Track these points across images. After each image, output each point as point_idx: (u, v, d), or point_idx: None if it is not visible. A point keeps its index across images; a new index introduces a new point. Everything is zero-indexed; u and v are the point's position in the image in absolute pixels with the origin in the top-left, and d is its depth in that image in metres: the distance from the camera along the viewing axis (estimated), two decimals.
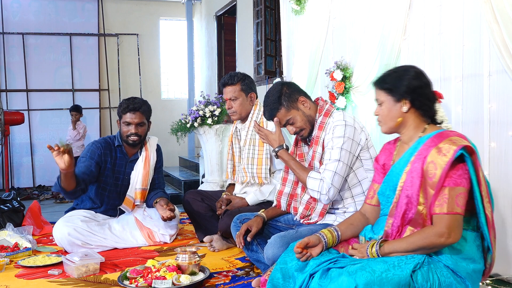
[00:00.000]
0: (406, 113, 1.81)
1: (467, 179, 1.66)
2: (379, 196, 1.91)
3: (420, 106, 1.81)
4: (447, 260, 1.68)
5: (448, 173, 1.65)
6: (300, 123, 2.36)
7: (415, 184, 1.71)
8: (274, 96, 2.35)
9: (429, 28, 2.86)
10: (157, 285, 2.35)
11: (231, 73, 3.20)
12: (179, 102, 8.61)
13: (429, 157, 1.69)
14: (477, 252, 1.72)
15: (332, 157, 2.23)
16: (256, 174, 3.05)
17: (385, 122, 1.87)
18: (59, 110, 7.57)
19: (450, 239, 1.62)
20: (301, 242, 1.81)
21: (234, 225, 2.62)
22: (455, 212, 1.63)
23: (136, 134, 3.26)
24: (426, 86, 1.82)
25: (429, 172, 1.68)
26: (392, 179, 1.82)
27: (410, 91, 1.79)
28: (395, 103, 1.82)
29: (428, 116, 1.84)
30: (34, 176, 7.39)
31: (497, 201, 2.48)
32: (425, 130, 1.81)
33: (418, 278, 1.61)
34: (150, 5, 8.33)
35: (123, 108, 3.25)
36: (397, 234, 1.76)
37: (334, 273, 1.63)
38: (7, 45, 7.35)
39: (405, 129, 1.85)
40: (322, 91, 3.95)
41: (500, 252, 2.46)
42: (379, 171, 1.97)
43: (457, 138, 1.70)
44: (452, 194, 1.64)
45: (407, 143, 1.86)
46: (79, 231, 3.11)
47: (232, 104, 3.13)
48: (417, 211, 1.72)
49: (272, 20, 5.74)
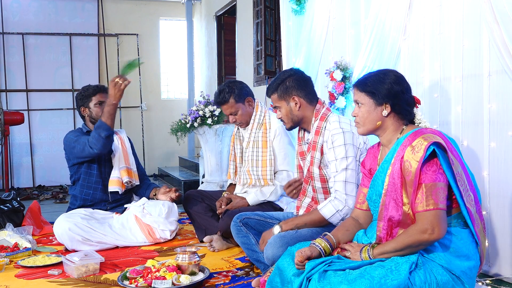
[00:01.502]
0: (386, 117, 1.85)
1: (442, 174, 1.68)
2: (368, 201, 1.93)
3: (400, 111, 1.85)
4: (440, 260, 1.69)
5: (423, 170, 1.68)
6: (283, 116, 2.44)
7: (397, 185, 1.74)
8: (277, 80, 2.44)
9: (429, 28, 2.86)
10: (157, 285, 2.35)
11: (219, 88, 3.17)
12: (179, 102, 8.61)
13: (405, 156, 1.72)
14: (470, 249, 1.73)
15: (338, 168, 2.25)
16: (261, 176, 3.05)
17: (363, 124, 1.90)
18: (59, 110, 7.57)
19: (434, 235, 1.64)
20: (303, 256, 1.79)
21: (234, 225, 2.62)
22: (435, 208, 1.65)
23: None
24: (407, 91, 1.86)
25: (406, 170, 1.71)
26: (377, 183, 1.84)
27: (391, 96, 1.82)
28: (376, 106, 1.85)
29: (406, 119, 1.88)
30: (34, 176, 7.39)
31: (496, 201, 2.48)
32: (403, 131, 1.85)
33: (416, 280, 1.62)
34: (150, 5, 8.32)
35: (92, 91, 3.45)
36: (389, 237, 1.78)
37: (334, 279, 1.63)
38: (7, 45, 7.35)
39: (383, 132, 1.88)
40: (322, 91, 3.94)
41: (500, 252, 2.46)
42: (366, 175, 2.00)
43: (430, 135, 1.72)
44: (430, 190, 1.66)
45: (387, 146, 1.89)
46: (80, 227, 3.13)
47: (235, 117, 3.14)
48: (403, 212, 1.74)
49: (272, 20, 5.73)
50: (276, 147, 3.07)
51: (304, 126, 2.47)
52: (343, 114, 3.60)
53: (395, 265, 1.64)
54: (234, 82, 3.20)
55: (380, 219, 1.80)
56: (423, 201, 1.66)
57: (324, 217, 2.23)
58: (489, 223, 2.51)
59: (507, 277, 2.41)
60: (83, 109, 3.50)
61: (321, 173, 2.35)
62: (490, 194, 2.50)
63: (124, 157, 3.50)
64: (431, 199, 1.65)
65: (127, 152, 3.55)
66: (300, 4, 4.17)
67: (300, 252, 1.81)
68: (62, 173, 7.43)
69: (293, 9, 4.26)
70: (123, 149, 3.53)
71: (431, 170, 1.68)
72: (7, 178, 6.38)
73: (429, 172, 1.68)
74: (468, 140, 2.60)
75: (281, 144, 3.07)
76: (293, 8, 4.26)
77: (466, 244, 1.72)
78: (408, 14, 3.00)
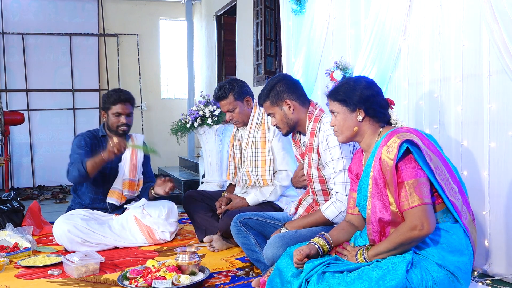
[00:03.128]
0: (361, 122, 1.89)
1: (421, 169, 1.71)
2: (358, 207, 1.96)
3: (374, 114, 1.89)
4: (434, 257, 1.71)
5: (402, 168, 1.71)
6: (278, 122, 2.45)
7: (380, 186, 1.76)
8: (267, 87, 2.45)
9: (429, 28, 2.86)
10: (157, 285, 2.35)
11: (220, 84, 3.19)
12: (179, 102, 8.61)
13: (382, 156, 1.75)
14: (463, 243, 1.74)
15: (336, 169, 2.26)
16: (260, 176, 3.05)
17: (341, 131, 1.94)
18: (59, 110, 7.57)
19: (424, 230, 1.66)
20: (302, 254, 1.82)
21: (234, 225, 2.62)
22: (421, 203, 1.67)
23: (126, 124, 3.35)
24: (378, 94, 1.91)
25: (385, 170, 1.74)
26: (363, 188, 1.87)
27: (363, 101, 1.87)
28: (350, 113, 1.90)
29: (382, 122, 1.91)
30: (34, 176, 7.38)
31: (496, 201, 2.48)
32: (380, 134, 1.89)
33: (413, 279, 1.64)
34: (150, 5, 8.32)
35: (113, 99, 3.33)
36: (382, 238, 1.80)
37: (332, 282, 1.64)
38: (7, 45, 7.34)
39: (362, 138, 1.92)
40: (322, 91, 3.94)
41: (500, 252, 2.46)
42: (353, 180, 2.03)
43: (404, 133, 1.75)
44: (412, 187, 1.69)
45: (367, 151, 1.92)
46: (79, 228, 3.12)
47: (232, 115, 3.14)
48: (392, 211, 1.76)
49: (272, 20, 5.73)
50: (275, 147, 3.08)
51: (299, 129, 2.49)
52: None
53: (392, 264, 1.66)
54: (236, 80, 3.21)
55: (369, 222, 1.82)
56: (407, 198, 1.69)
57: (327, 218, 2.26)
58: (489, 223, 2.51)
59: (507, 277, 2.41)
60: (103, 113, 3.42)
61: (320, 175, 2.36)
62: (490, 194, 2.50)
63: (130, 170, 3.42)
64: (415, 195, 1.68)
65: (135, 165, 3.45)
66: (300, 4, 4.16)
67: (299, 251, 1.83)
68: (62, 173, 7.38)
69: (293, 9, 4.26)
70: (131, 161, 3.43)
71: (410, 167, 1.71)
72: (7, 178, 6.38)
73: (408, 169, 1.71)
74: (468, 140, 2.60)
75: (280, 144, 3.07)
76: (293, 8, 4.25)
77: (458, 238, 1.74)
78: (408, 14, 3.00)
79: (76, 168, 3.14)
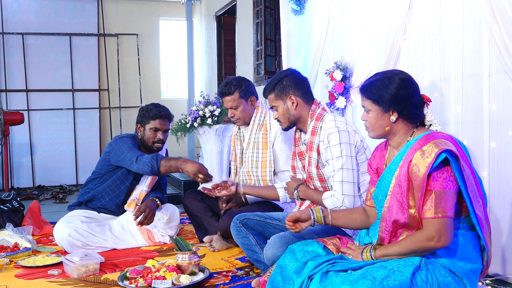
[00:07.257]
0: (394, 123, 1.82)
1: (453, 181, 1.66)
2: (374, 200, 1.93)
3: (408, 116, 1.81)
4: (443, 261, 1.69)
5: (433, 177, 1.65)
6: (280, 116, 2.45)
7: (403, 188, 1.73)
8: (274, 80, 2.46)
9: (429, 28, 2.86)
10: (157, 285, 2.35)
11: (227, 80, 3.18)
12: (179, 102, 8.61)
13: (414, 160, 1.70)
14: (473, 252, 1.72)
15: (335, 168, 2.26)
16: (261, 177, 3.06)
17: (372, 129, 1.88)
18: (59, 110, 7.57)
19: (440, 243, 1.63)
20: (292, 216, 1.92)
21: (234, 225, 2.61)
22: (443, 216, 1.63)
23: (162, 141, 3.31)
24: (414, 94, 1.81)
25: (414, 174, 1.69)
26: (384, 184, 1.83)
27: (397, 102, 1.79)
28: (383, 113, 1.82)
29: (417, 122, 1.85)
30: (34, 176, 7.38)
31: (496, 201, 2.48)
32: (413, 134, 1.83)
33: (418, 280, 1.62)
34: (150, 5, 8.32)
35: (153, 114, 3.26)
36: (392, 238, 1.78)
37: (336, 280, 1.63)
38: (7, 45, 7.34)
39: (393, 136, 1.86)
40: (322, 91, 3.94)
41: (499, 252, 2.46)
42: (373, 174, 1.99)
43: (442, 140, 1.69)
44: (439, 197, 1.64)
45: (396, 148, 1.87)
46: (80, 232, 3.11)
47: (235, 112, 3.14)
48: (410, 215, 1.73)
49: (271, 20, 5.73)
50: (278, 148, 3.07)
51: (300, 127, 2.49)
52: (342, 114, 3.60)
53: (397, 266, 1.65)
54: (243, 79, 3.22)
55: (382, 220, 1.79)
56: (431, 208, 1.64)
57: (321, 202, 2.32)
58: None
59: (507, 277, 2.41)
60: (139, 126, 3.34)
61: (319, 173, 2.36)
62: (490, 194, 2.50)
63: (151, 181, 3.40)
64: (440, 206, 1.63)
65: (154, 178, 3.42)
66: (300, 4, 4.17)
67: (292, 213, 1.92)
68: (62, 173, 7.44)
69: (293, 9, 4.26)
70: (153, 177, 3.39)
71: (441, 177, 1.65)
72: (7, 178, 6.38)
73: (439, 179, 1.65)
74: (468, 140, 2.60)
75: (283, 145, 3.07)
76: (293, 8, 4.26)
77: (470, 247, 1.71)
78: (408, 14, 3.00)
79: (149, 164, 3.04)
